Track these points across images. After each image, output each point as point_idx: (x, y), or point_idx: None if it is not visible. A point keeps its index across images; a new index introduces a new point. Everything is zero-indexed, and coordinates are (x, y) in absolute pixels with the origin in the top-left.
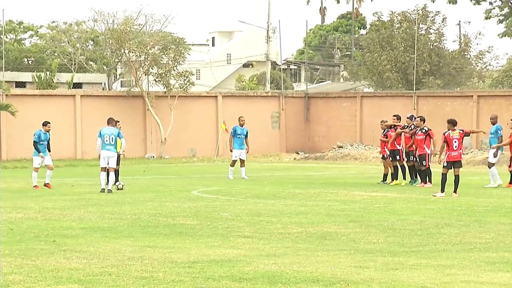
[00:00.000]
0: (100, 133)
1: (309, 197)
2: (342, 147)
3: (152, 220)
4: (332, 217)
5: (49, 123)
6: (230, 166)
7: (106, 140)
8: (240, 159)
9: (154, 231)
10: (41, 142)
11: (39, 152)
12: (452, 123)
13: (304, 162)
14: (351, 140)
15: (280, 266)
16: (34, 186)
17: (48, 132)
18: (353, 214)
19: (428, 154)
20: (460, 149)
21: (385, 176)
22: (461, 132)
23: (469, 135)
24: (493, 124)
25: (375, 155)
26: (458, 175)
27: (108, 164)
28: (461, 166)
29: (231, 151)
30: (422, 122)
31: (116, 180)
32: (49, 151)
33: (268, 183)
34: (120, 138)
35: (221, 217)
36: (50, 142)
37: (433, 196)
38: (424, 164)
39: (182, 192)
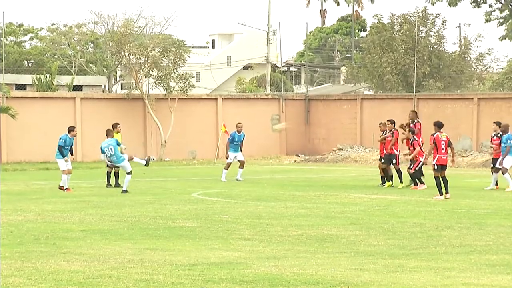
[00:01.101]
0: (101, 148)
1: (309, 200)
2: (342, 149)
3: (152, 222)
4: (332, 219)
5: (75, 127)
6: (224, 168)
7: (108, 153)
8: (238, 160)
9: (154, 234)
10: (65, 147)
11: (63, 156)
12: (438, 125)
13: (304, 165)
14: (351, 143)
15: (280, 269)
16: (66, 189)
17: (74, 136)
18: (353, 217)
19: (397, 154)
20: (447, 153)
21: (383, 178)
22: (447, 136)
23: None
24: (504, 133)
25: (375, 157)
26: (444, 176)
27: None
28: (446, 169)
29: (227, 158)
30: (392, 125)
31: (116, 182)
32: (72, 154)
33: (268, 186)
34: (118, 146)
35: (221, 220)
36: (72, 146)
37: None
38: (395, 162)
39: (182, 194)
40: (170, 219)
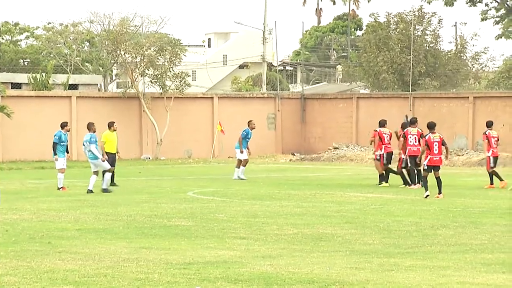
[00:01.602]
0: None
1: (305, 198)
2: (338, 148)
3: (147, 221)
4: (327, 218)
5: (68, 122)
6: (236, 167)
7: (86, 147)
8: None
9: (149, 233)
10: (61, 143)
11: (55, 154)
12: (430, 126)
13: (300, 163)
14: (347, 141)
15: (276, 268)
16: (61, 188)
17: (68, 132)
18: (348, 216)
19: (382, 154)
20: (441, 153)
21: (381, 177)
22: (441, 136)
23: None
24: None
25: (371, 156)
26: (439, 177)
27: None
28: (440, 169)
29: (242, 152)
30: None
31: (112, 181)
32: (67, 152)
33: (264, 184)
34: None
35: (216, 219)
36: (67, 143)
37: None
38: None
39: (177, 193)
40: (165, 218)
